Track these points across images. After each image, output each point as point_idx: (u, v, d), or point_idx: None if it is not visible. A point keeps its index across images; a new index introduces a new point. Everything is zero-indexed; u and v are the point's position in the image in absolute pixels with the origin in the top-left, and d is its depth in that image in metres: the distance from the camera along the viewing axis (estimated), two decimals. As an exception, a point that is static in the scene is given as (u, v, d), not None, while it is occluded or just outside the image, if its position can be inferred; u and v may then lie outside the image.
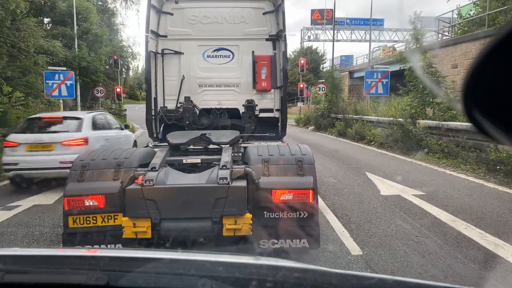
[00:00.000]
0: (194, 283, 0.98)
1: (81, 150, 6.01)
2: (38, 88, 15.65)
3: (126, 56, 36.74)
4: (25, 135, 7.89)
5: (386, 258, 4.31)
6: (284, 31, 6.26)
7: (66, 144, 7.59)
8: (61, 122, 8.53)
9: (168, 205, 3.47)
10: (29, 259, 1.19)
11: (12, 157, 7.53)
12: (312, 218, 3.70)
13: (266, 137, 6.24)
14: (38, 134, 7.92)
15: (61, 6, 23.86)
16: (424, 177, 8.81)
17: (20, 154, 7.53)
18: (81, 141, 7.70)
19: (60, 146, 7.55)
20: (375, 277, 1.02)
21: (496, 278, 4.04)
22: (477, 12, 19.95)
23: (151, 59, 6.31)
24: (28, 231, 5.33)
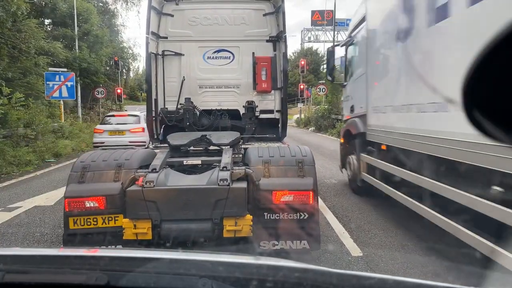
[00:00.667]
0: (194, 283, 0.98)
1: (141, 135, 12.02)
2: (38, 89, 15.67)
3: (126, 57, 36.84)
4: (106, 125, 13.03)
5: (387, 259, 4.30)
6: (285, 32, 6.27)
7: (133, 131, 12.50)
8: (126, 117, 13.44)
9: (168, 207, 3.47)
10: (29, 259, 1.19)
11: (100, 138, 12.64)
12: (313, 219, 3.70)
13: (266, 138, 6.24)
14: (115, 125, 12.89)
15: (62, 7, 23.91)
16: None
17: (104, 137, 12.52)
18: (141, 129, 12.17)
19: (129, 132, 12.53)
20: (375, 277, 1.02)
21: (496, 278, 4.03)
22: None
23: (152, 61, 6.31)
24: (29, 232, 5.33)
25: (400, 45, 5.03)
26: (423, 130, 4.26)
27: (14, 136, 11.91)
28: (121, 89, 28.45)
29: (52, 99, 16.31)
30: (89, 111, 25.01)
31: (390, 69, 5.62)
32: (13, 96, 11.90)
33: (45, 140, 12.99)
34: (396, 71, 5.34)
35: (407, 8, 4.80)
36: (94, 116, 24.11)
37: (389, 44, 5.61)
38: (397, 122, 5.19)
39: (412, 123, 4.65)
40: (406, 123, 4.84)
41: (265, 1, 6.54)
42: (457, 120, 3.35)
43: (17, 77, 14.08)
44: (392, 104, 5.32)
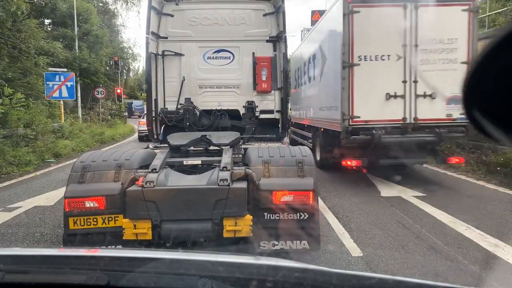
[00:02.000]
0: (194, 283, 0.98)
1: None
2: (38, 89, 15.68)
3: (126, 57, 36.87)
4: None
5: (387, 260, 4.30)
6: (285, 33, 6.27)
7: None
8: None
9: (168, 207, 3.47)
10: (29, 259, 1.19)
11: (143, 127, 14.77)
12: (313, 220, 3.70)
13: (266, 138, 6.24)
14: None
15: (62, 7, 23.92)
16: (424, 178, 8.81)
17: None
18: None
19: None
20: (375, 277, 1.02)
21: (496, 279, 4.03)
22: (477, 14, 19.94)
23: (152, 61, 6.32)
24: (29, 232, 5.32)
25: (301, 84, 12.73)
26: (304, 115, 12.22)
27: (14, 136, 11.90)
28: (121, 89, 28.46)
29: (52, 99, 16.30)
30: (89, 111, 25.00)
31: (297, 92, 13.36)
32: (14, 97, 11.90)
33: (45, 140, 12.98)
34: (298, 93, 13.29)
35: (301, 72, 12.52)
36: (94, 116, 24.11)
37: (297, 80, 13.72)
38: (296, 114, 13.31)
39: (299, 113, 12.98)
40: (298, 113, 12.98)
41: (265, 1, 6.55)
42: (311, 112, 10.74)
43: (17, 77, 14.08)
44: (296, 106, 13.49)
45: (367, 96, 7.40)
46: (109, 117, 26.38)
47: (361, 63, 7.36)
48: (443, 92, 7.25)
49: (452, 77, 7.15)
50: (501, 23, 13.24)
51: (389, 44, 7.39)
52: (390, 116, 7.44)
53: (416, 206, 6.36)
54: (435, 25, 7.38)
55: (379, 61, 7.39)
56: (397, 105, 7.45)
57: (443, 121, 7.48)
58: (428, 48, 7.38)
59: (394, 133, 7.41)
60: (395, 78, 7.42)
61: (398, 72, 7.42)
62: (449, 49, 7.40)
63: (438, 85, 7.27)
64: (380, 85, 7.39)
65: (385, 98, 7.42)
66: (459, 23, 7.36)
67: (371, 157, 7.82)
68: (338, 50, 7.66)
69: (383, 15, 7.39)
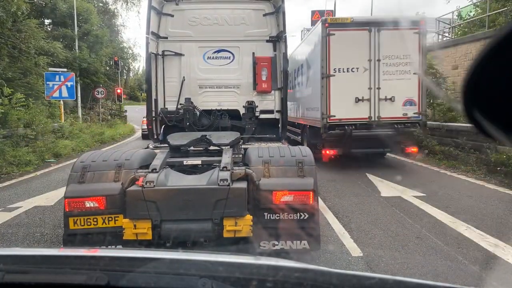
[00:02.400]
0: (194, 283, 0.98)
1: None
2: (38, 89, 15.66)
3: (126, 58, 36.87)
4: None
5: (387, 260, 4.30)
6: (285, 33, 6.27)
7: None
8: None
9: (168, 207, 3.47)
10: (29, 259, 1.19)
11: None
12: (313, 220, 3.70)
13: (266, 138, 6.24)
14: None
15: (62, 7, 23.91)
16: (424, 178, 8.81)
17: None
18: None
19: None
20: (375, 277, 1.02)
21: (496, 279, 4.03)
22: (477, 14, 19.95)
23: (152, 61, 6.32)
24: (29, 232, 5.33)
25: (294, 87, 12.97)
26: (294, 114, 12.90)
27: (14, 136, 11.90)
28: (121, 89, 28.46)
29: (52, 99, 16.30)
30: (89, 111, 24.98)
31: (290, 93, 10.06)
32: (14, 96, 11.90)
33: (45, 140, 12.98)
34: (291, 95, 11.67)
35: (293, 76, 12.96)
36: (94, 116, 24.10)
37: (291, 82, 13.02)
38: (290, 112, 11.03)
39: (291, 112, 12.35)
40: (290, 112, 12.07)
41: (265, 1, 6.54)
42: (300, 112, 12.21)
43: (17, 77, 14.07)
44: (289, 105, 11.12)
45: (341, 99, 9.40)
46: (109, 117, 26.36)
47: (336, 74, 9.41)
48: (400, 96, 9.43)
49: (406, 85, 9.37)
50: (501, 23, 13.24)
51: (358, 59, 9.37)
52: (359, 115, 9.43)
53: (416, 206, 6.36)
54: (393, 44, 9.35)
55: (350, 72, 9.41)
56: (364, 106, 9.44)
57: (400, 119, 9.50)
58: (388, 62, 9.37)
59: (362, 128, 9.41)
60: (363, 85, 9.40)
61: (365, 81, 9.41)
62: (404, 62, 9.41)
63: (396, 91, 9.40)
64: (351, 91, 9.38)
65: (355, 101, 9.42)
66: (411, 42, 9.31)
67: (344, 147, 9.65)
68: (318, 64, 9.63)
69: (353, 37, 9.39)
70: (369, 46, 9.31)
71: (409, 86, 9.44)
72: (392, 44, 9.32)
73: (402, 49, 9.31)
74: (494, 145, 9.07)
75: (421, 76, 9.56)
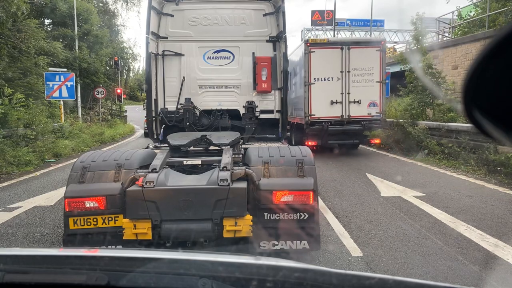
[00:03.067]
0: (194, 283, 0.98)
1: None
2: (38, 89, 15.64)
3: (126, 58, 36.82)
4: None
5: (387, 260, 4.30)
6: (285, 33, 6.27)
7: None
8: None
9: (168, 207, 3.47)
10: (29, 259, 1.19)
11: None
12: (313, 220, 3.70)
13: (266, 138, 6.25)
14: None
15: (62, 7, 23.89)
16: (424, 178, 8.81)
17: None
18: None
19: None
20: (375, 277, 1.02)
21: (496, 279, 4.03)
22: (477, 13, 19.96)
23: (152, 61, 6.32)
24: (29, 232, 5.32)
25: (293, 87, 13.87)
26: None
27: (14, 136, 11.89)
28: (121, 89, 28.46)
29: (52, 99, 16.29)
30: (89, 111, 24.97)
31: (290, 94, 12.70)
32: (14, 96, 11.89)
33: (45, 140, 12.97)
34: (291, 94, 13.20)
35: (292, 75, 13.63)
36: (94, 116, 24.09)
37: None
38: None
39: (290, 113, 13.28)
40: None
41: (265, 1, 6.54)
42: (289, 111, 11.51)
43: (17, 77, 14.05)
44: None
45: (319, 102, 11.96)
46: (109, 117, 26.36)
47: (316, 82, 12.00)
48: (365, 99, 12.00)
49: (370, 90, 11.96)
50: (501, 23, 13.24)
51: (332, 71, 11.93)
52: (334, 114, 12.01)
53: (416, 206, 6.36)
54: (360, 59, 11.94)
55: (326, 81, 11.99)
56: (338, 107, 12.01)
57: (365, 117, 12.07)
58: (355, 73, 11.96)
59: (336, 124, 12.05)
60: (336, 91, 11.97)
61: (338, 88, 11.96)
62: (368, 73, 11.98)
63: (362, 95, 11.93)
64: (327, 95, 11.93)
65: (330, 103, 11.98)
66: (374, 57, 11.99)
67: (323, 139, 12.19)
68: (302, 74, 12.25)
69: (329, 53, 12.02)
70: (341, 60, 11.92)
71: (372, 91, 12.00)
72: (359, 59, 11.93)
73: (367, 63, 11.95)
74: (494, 145, 9.07)
75: (383, 84, 12.20)
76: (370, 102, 12.03)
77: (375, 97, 12.04)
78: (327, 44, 12.33)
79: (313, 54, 11.89)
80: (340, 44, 12.14)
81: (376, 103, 12.04)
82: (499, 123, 0.74)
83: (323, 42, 12.56)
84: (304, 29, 50.21)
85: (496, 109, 0.74)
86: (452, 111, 12.18)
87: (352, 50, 11.95)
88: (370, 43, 12.42)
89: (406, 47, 20.01)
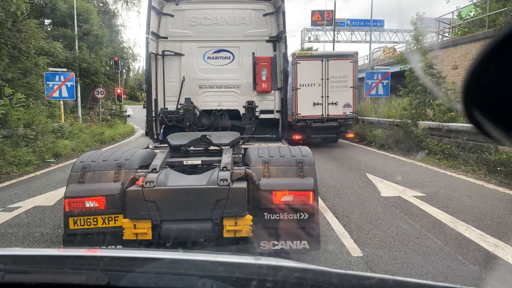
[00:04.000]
0: (194, 283, 0.98)
1: None
2: (38, 89, 15.64)
3: (126, 58, 36.81)
4: None
5: (387, 260, 4.30)
6: (285, 33, 6.27)
7: None
8: None
9: (168, 207, 3.47)
10: (29, 259, 1.19)
11: None
12: (313, 220, 3.70)
13: (266, 138, 6.25)
14: None
15: (62, 7, 23.88)
16: (424, 178, 8.81)
17: None
18: None
19: None
20: (375, 277, 1.02)
21: (496, 279, 4.04)
22: (477, 13, 19.96)
23: (152, 61, 6.32)
24: (29, 232, 5.32)
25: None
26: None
27: (14, 136, 11.89)
28: (121, 89, 28.46)
29: (52, 99, 16.29)
30: (89, 111, 24.96)
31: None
32: (14, 97, 11.89)
33: (45, 140, 12.96)
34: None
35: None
36: (94, 116, 24.08)
37: None
38: None
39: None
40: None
41: (265, 1, 6.54)
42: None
43: (17, 77, 14.05)
44: None
45: (304, 103, 14.33)
46: (109, 117, 26.35)
47: (301, 87, 14.36)
48: (341, 101, 14.47)
49: (345, 94, 14.45)
50: (501, 23, 13.24)
51: (314, 78, 14.40)
52: (316, 113, 14.46)
53: (416, 206, 6.36)
54: (337, 68, 14.43)
55: (310, 86, 14.43)
56: (319, 108, 14.48)
57: (341, 116, 14.56)
58: (333, 80, 14.43)
59: (317, 122, 14.51)
60: (317, 95, 14.44)
61: (319, 92, 14.45)
62: (343, 80, 14.48)
63: (338, 98, 14.42)
64: (310, 98, 14.37)
65: (313, 104, 14.40)
66: (348, 67, 14.53)
67: (307, 134, 14.65)
68: (291, 81, 13.55)
69: (312, 64, 14.50)
70: (322, 70, 14.40)
71: (347, 95, 14.50)
72: (336, 69, 14.42)
73: (342, 72, 14.43)
74: (494, 145, 9.07)
75: (355, 89, 14.66)
76: (345, 103, 14.54)
77: (349, 99, 14.52)
78: (310, 57, 15.03)
79: (299, 65, 14.36)
80: (320, 57, 14.79)
81: (349, 105, 14.52)
82: (499, 123, 0.74)
83: (307, 55, 15.37)
84: (304, 29, 50.20)
85: (496, 109, 0.74)
86: (452, 111, 12.18)
87: (330, 61, 14.50)
88: (345, 56, 14.85)
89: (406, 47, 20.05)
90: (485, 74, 0.71)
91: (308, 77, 14.33)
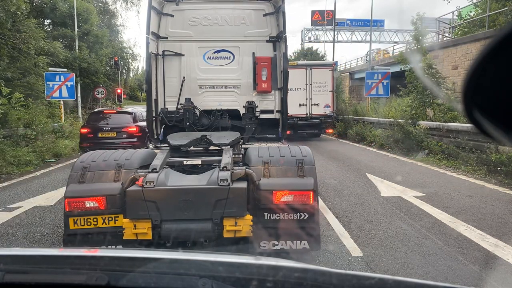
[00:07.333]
0: (194, 283, 0.98)
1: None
2: (38, 89, 15.65)
3: (126, 57, 36.85)
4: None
5: (387, 259, 4.30)
6: (285, 33, 6.26)
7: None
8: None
9: (168, 207, 3.47)
10: (29, 259, 1.19)
11: None
12: (313, 219, 3.70)
13: (266, 138, 6.24)
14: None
15: (62, 7, 23.90)
16: (424, 178, 8.81)
17: None
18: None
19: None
20: (375, 277, 1.02)
21: (496, 279, 4.04)
22: (477, 13, 19.96)
23: (152, 61, 6.31)
24: (29, 232, 5.32)
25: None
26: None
27: (14, 136, 11.89)
28: (121, 89, 28.46)
29: (52, 99, 16.29)
30: (89, 111, 24.99)
31: None
32: (13, 96, 11.88)
33: (45, 140, 12.96)
34: None
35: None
36: (94, 116, 24.07)
37: None
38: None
39: None
40: None
41: (265, 1, 6.54)
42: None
43: (17, 77, 14.06)
44: None
45: (292, 104, 15.04)
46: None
47: (289, 91, 16.89)
48: (322, 103, 17.76)
49: (325, 97, 17.75)
50: (501, 23, 13.24)
51: (300, 83, 17.43)
52: (301, 112, 17.60)
53: (416, 206, 6.36)
54: (318, 76, 17.81)
55: (297, 90, 16.98)
56: (304, 108, 17.66)
57: (322, 115, 17.84)
58: (315, 85, 17.77)
59: (303, 119, 17.59)
60: (303, 97, 17.64)
61: (304, 95, 17.63)
62: (324, 85, 17.80)
63: (319, 100, 17.73)
64: (297, 100, 17.12)
65: (299, 105, 17.48)
66: (327, 75, 17.93)
67: (294, 130, 16.92)
68: None
69: (298, 72, 17.03)
70: (306, 77, 17.69)
71: (326, 97, 17.80)
72: (317, 76, 17.79)
73: (322, 78, 17.79)
74: (495, 145, 9.08)
75: (333, 93, 18.13)
76: (325, 104, 17.80)
77: (328, 101, 17.81)
78: (296, 66, 17.84)
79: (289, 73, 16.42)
80: (305, 66, 18.24)
81: (329, 105, 17.82)
82: (499, 123, 0.74)
83: (294, 65, 17.69)
84: (304, 29, 50.26)
85: (496, 109, 0.74)
86: (453, 111, 12.18)
87: (313, 70, 17.89)
88: (325, 65, 18.78)
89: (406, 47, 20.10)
90: (485, 74, 0.71)
91: (295, 83, 16.39)
